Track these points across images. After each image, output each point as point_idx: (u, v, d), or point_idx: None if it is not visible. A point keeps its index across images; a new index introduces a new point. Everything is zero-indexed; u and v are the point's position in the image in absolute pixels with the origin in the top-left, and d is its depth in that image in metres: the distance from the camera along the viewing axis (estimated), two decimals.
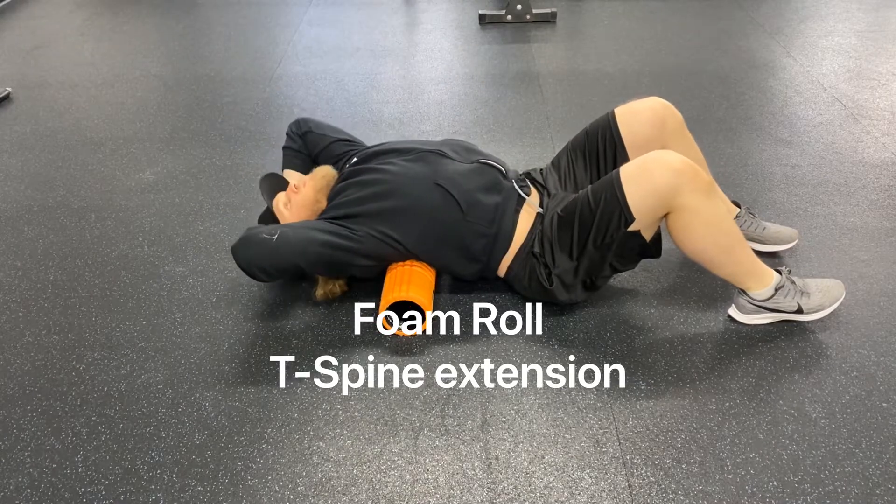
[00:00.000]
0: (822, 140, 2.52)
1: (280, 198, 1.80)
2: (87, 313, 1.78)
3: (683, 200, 1.49)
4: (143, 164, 2.49)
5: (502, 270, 1.74)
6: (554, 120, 2.73)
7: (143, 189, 2.33)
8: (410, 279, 1.66)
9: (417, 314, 1.67)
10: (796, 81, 3.00)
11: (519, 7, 3.75)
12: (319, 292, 1.76)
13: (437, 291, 1.80)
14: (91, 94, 3.05)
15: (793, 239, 1.91)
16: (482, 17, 3.78)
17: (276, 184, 1.87)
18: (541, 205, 1.74)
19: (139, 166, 2.48)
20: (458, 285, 1.83)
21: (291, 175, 1.94)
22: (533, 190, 1.78)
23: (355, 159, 1.82)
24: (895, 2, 3.97)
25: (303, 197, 1.76)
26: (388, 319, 1.66)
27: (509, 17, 3.77)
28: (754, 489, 1.30)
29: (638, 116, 1.76)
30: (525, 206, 1.71)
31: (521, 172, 1.86)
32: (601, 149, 1.79)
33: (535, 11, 3.77)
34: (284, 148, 1.99)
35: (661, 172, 1.49)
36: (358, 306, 1.76)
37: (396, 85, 3.07)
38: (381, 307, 1.65)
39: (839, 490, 1.30)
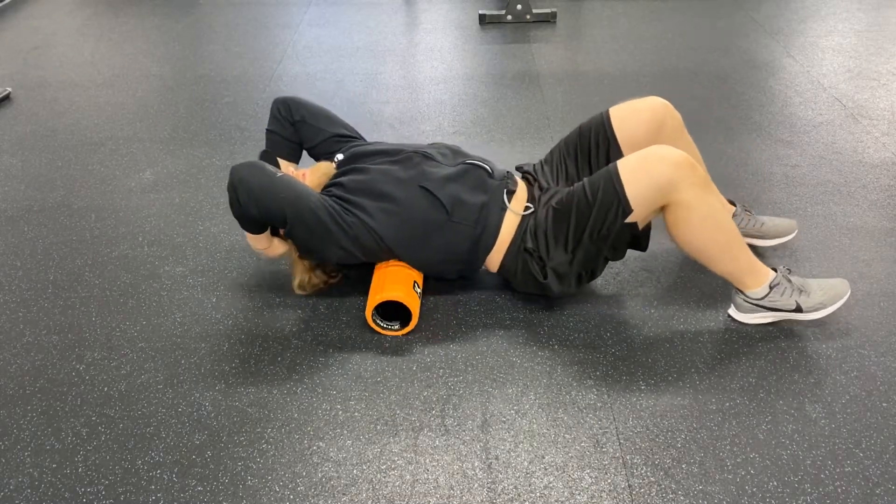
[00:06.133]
0: (822, 140, 2.52)
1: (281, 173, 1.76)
2: (87, 313, 1.78)
3: (681, 195, 1.50)
4: (143, 164, 2.49)
5: (494, 266, 1.74)
6: (554, 120, 2.73)
7: (143, 189, 2.34)
8: (396, 278, 1.66)
9: (404, 314, 1.67)
10: (796, 81, 3.00)
11: (519, 7, 3.75)
12: (296, 282, 1.77)
13: (437, 292, 1.81)
14: (91, 94, 3.05)
15: (793, 229, 1.91)
16: (482, 17, 3.78)
17: (271, 164, 1.80)
18: (531, 199, 1.73)
19: (139, 166, 2.48)
20: (458, 285, 1.83)
21: (286, 166, 1.90)
22: (522, 184, 1.77)
23: (342, 157, 1.80)
24: (895, 2, 3.97)
25: None
26: (375, 321, 1.66)
27: (509, 17, 3.77)
28: (754, 489, 1.30)
29: (637, 116, 1.76)
30: (512, 202, 1.70)
31: (514, 167, 1.85)
32: (594, 147, 1.79)
33: (535, 11, 3.77)
34: (271, 132, 1.88)
35: (659, 166, 1.50)
36: (358, 306, 1.77)
37: (396, 85, 3.07)
38: (367, 308, 1.64)
39: (839, 490, 1.30)
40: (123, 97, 3.02)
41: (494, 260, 1.72)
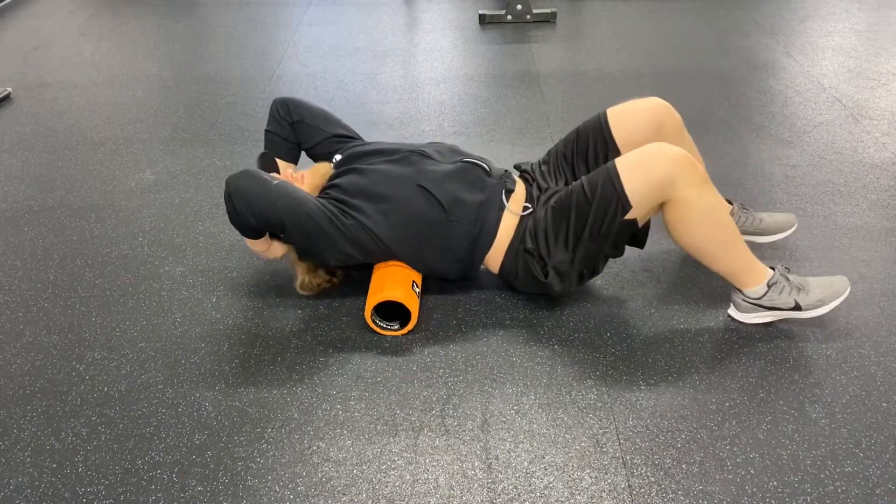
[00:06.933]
0: (822, 140, 2.52)
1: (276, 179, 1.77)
2: (87, 313, 1.78)
3: (680, 192, 1.51)
4: (143, 164, 2.49)
5: (495, 267, 1.74)
6: (554, 120, 2.73)
7: (143, 189, 2.34)
8: (395, 279, 1.66)
9: (404, 314, 1.67)
10: (796, 81, 3.00)
11: (519, 7, 3.75)
12: (298, 282, 1.77)
13: (437, 291, 1.81)
14: (91, 94, 3.05)
15: (792, 223, 1.90)
16: (482, 17, 3.78)
17: (270, 165, 1.82)
18: (529, 199, 1.73)
19: (139, 166, 2.48)
20: (458, 285, 1.83)
21: (284, 167, 1.90)
22: (520, 184, 1.77)
23: (339, 157, 1.81)
24: (895, 2, 3.97)
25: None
26: (374, 321, 1.66)
27: (509, 17, 3.77)
28: (754, 489, 1.30)
29: (636, 117, 1.75)
30: (511, 201, 1.71)
31: (513, 165, 1.85)
32: (591, 148, 1.78)
33: (535, 11, 3.77)
34: (270, 132, 1.88)
35: (658, 163, 1.50)
36: (358, 306, 1.77)
37: (396, 85, 3.07)
38: (366, 309, 1.64)
39: (839, 490, 1.30)
40: (123, 97, 3.02)
41: (494, 261, 1.72)
